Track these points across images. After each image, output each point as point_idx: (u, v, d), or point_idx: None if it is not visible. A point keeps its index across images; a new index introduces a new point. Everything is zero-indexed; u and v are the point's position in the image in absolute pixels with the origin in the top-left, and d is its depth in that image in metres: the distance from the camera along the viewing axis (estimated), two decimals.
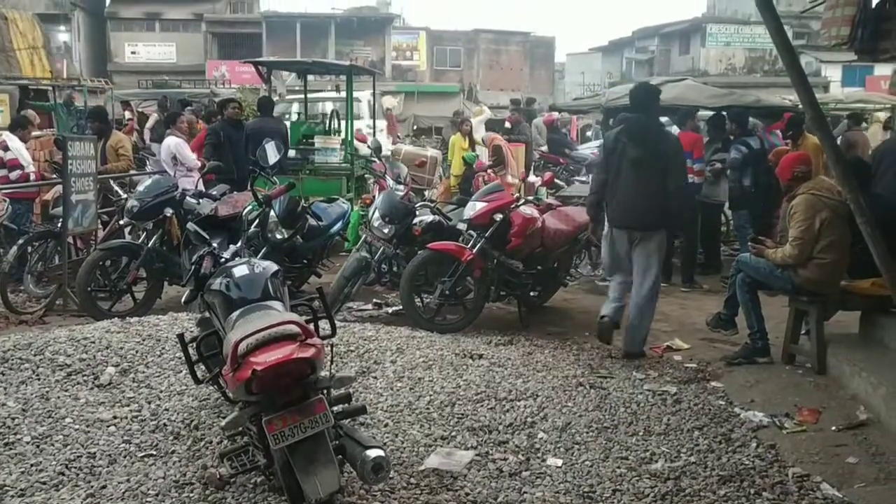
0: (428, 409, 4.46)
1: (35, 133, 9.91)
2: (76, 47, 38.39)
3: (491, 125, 15.19)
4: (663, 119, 12.10)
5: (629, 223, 5.80)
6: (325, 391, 3.18)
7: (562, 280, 7.33)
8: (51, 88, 18.76)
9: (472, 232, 6.50)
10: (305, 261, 7.33)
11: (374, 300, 7.54)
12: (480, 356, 5.46)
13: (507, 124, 14.67)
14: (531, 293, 7.01)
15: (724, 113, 9.17)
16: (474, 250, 6.30)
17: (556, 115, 15.54)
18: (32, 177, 8.38)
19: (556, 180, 10.74)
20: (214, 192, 7.17)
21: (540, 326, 6.81)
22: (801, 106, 6.01)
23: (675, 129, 9.06)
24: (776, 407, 4.77)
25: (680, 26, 39.71)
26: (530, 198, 7.33)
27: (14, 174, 8.19)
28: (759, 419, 4.56)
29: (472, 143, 11.90)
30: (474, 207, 6.45)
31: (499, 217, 6.36)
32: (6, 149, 8.28)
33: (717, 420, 4.56)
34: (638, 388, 5.09)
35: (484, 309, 6.66)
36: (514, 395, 4.73)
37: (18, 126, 8.81)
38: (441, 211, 7.26)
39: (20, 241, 7.22)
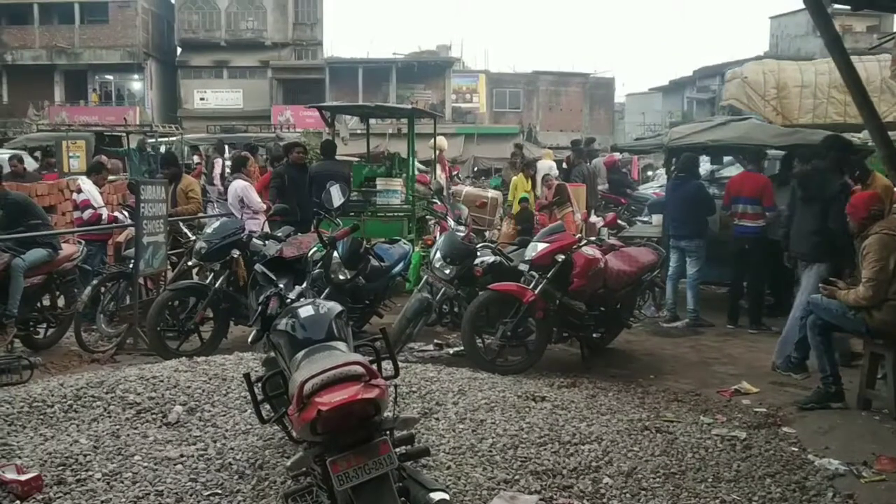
0: (491, 451, 4.40)
1: (109, 177, 10.30)
2: (148, 95, 39.92)
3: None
4: (726, 159, 12.01)
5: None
6: (389, 432, 3.17)
7: (625, 321, 7.23)
8: (124, 135, 19.54)
9: (533, 273, 6.47)
10: (367, 301, 7.40)
11: (436, 341, 7.54)
12: (543, 398, 5.39)
13: (565, 165, 14.67)
14: (594, 334, 6.93)
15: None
16: (536, 291, 6.27)
17: (617, 155, 15.47)
18: (104, 217, 8.67)
19: (618, 221, 10.67)
20: (279, 234, 7.30)
21: (603, 368, 6.72)
22: (871, 143, 5.89)
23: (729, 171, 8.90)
24: (853, 455, 4.59)
25: (742, 65, 39.25)
26: (592, 238, 7.28)
27: (86, 214, 8.50)
28: (835, 467, 4.39)
29: (535, 185, 11.91)
30: (536, 248, 6.43)
31: (561, 258, 6.33)
32: (79, 191, 8.62)
33: (789, 467, 4.40)
34: (706, 432, 4.95)
35: (546, 350, 6.60)
36: (578, 439, 4.65)
37: (93, 171, 9.18)
38: (502, 252, 7.26)
39: (94, 282, 7.45)
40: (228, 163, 15.52)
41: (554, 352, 7.02)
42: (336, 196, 6.82)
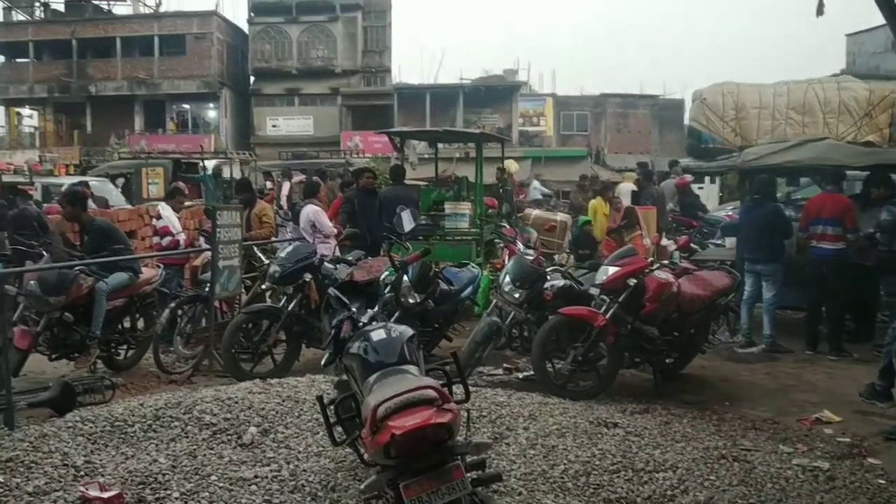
0: (562, 478, 4.35)
1: (186, 203, 10.62)
2: (223, 123, 41.10)
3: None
4: (803, 180, 11.71)
5: None
6: (461, 457, 3.17)
7: (699, 346, 7.08)
8: (200, 161, 20.16)
9: (604, 297, 6.40)
10: (436, 325, 7.42)
11: (505, 365, 7.51)
12: (615, 424, 5.31)
13: (634, 187, 14.49)
14: (667, 360, 6.80)
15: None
16: (607, 315, 6.20)
17: (689, 177, 15.18)
18: (182, 242, 8.94)
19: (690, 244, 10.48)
20: (350, 258, 7.42)
21: (677, 394, 6.58)
22: None
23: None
24: None
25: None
26: (665, 262, 7.17)
27: (165, 240, 8.78)
28: None
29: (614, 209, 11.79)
30: (607, 272, 6.37)
31: (632, 282, 6.25)
32: (159, 217, 8.91)
33: (876, 500, 4.23)
34: (786, 462, 4.80)
35: (617, 375, 6.50)
36: (652, 467, 4.55)
37: (170, 196, 9.50)
38: (572, 275, 7.20)
39: (172, 305, 7.67)
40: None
41: (625, 377, 6.92)
42: (407, 221, 6.89)
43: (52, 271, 6.82)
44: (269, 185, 18.68)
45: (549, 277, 7.04)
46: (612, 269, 6.36)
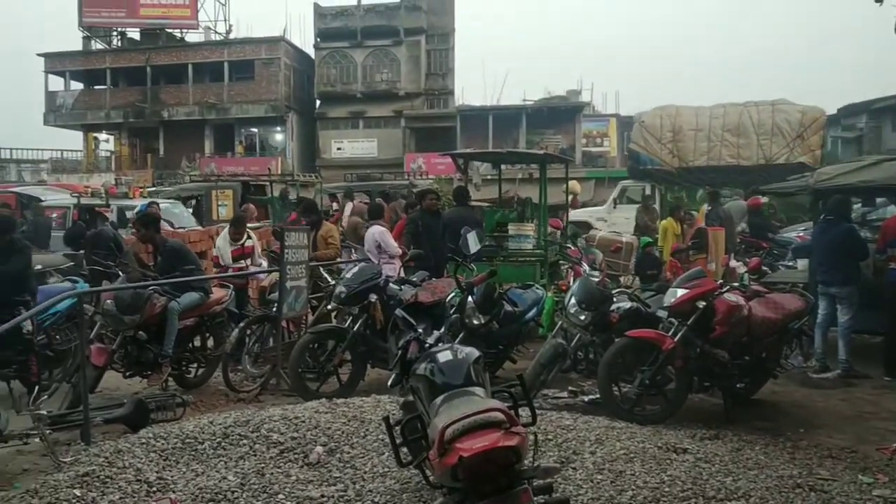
0: None
1: (254, 224, 10.83)
2: (289, 145, 41.97)
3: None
4: (879, 200, 11.35)
5: None
6: (528, 481, 3.14)
7: (771, 371, 6.88)
8: (268, 184, 20.58)
9: (672, 319, 6.29)
10: (501, 346, 7.39)
11: (570, 388, 7.42)
12: (685, 450, 5.18)
13: (708, 207, 14.22)
14: (737, 384, 6.63)
15: None
16: (676, 338, 6.09)
17: (762, 198, 14.80)
18: (231, 271, 9.07)
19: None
20: (415, 279, 7.45)
21: (748, 420, 6.40)
22: None
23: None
24: None
25: (892, 101, 37.10)
26: (735, 284, 7.02)
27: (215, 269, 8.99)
28: None
29: (684, 230, 11.61)
30: (675, 294, 6.25)
31: (702, 304, 6.12)
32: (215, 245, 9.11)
33: None
34: (866, 493, 4.61)
35: (686, 400, 6.36)
36: (723, 495, 4.42)
37: (233, 225, 9.64)
38: (639, 298, 7.10)
39: (241, 325, 7.81)
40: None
41: (694, 402, 6.76)
42: (472, 242, 6.90)
43: (128, 291, 7.02)
44: (334, 206, 18.94)
45: (615, 299, 6.96)
46: (680, 292, 6.25)
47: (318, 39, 43.14)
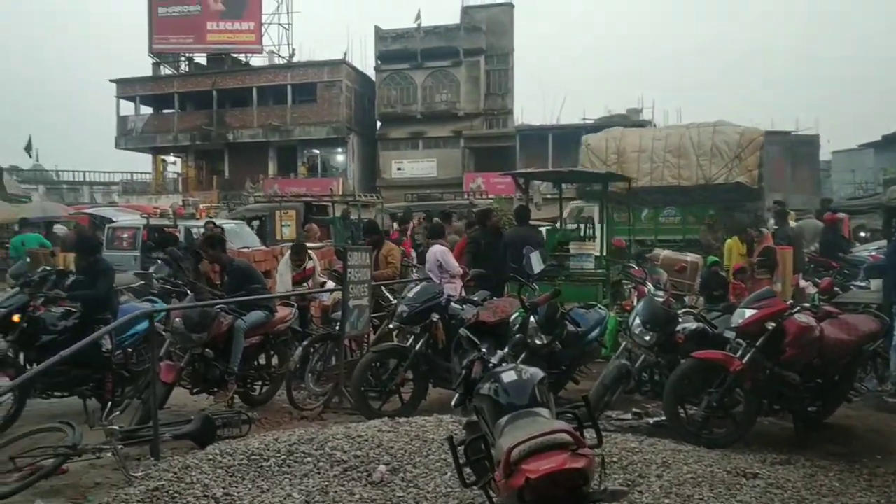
0: None
1: (316, 244, 10.99)
2: (350, 166, 42.54)
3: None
4: None
5: None
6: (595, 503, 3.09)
7: (844, 395, 6.65)
8: (330, 204, 20.88)
9: (740, 340, 6.14)
10: (563, 367, 7.31)
11: (634, 409, 7.29)
12: (755, 475, 5.04)
13: (775, 226, 13.90)
14: (809, 408, 6.42)
15: None
16: (744, 360, 5.94)
17: (842, 214, 14.33)
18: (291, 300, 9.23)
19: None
20: (476, 298, 7.44)
21: (820, 445, 6.18)
22: None
23: None
24: None
25: None
26: (806, 304, 6.82)
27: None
28: None
29: (751, 250, 11.36)
30: (743, 315, 6.11)
31: (771, 325, 5.97)
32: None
33: None
34: None
35: (755, 423, 6.19)
36: None
37: (294, 252, 9.77)
38: (705, 318, 6.96)
39: (304, 343, 7.91)
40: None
41: (764, 425, 6.57)
42: (536, 262, 6.88)
43: (196, 309, 7.18)
44: (395, 225, 19.09)
45: (680, 320, 6.83)
46: (749, 312, 6.10)
47: (379, 62, 43.74)
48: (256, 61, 47.07)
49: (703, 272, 12.28)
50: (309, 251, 9.87)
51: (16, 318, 6.97)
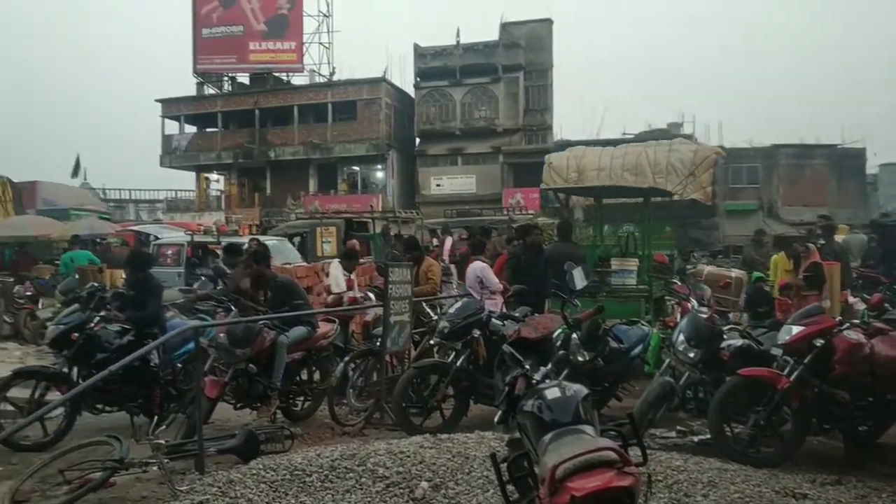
0: None
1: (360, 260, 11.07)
2: (390, 183, 42.78)
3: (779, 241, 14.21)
4: None
5: None
6: None
7: None
8: (370, 220, 21.01)
9: (788, 358, 6.02)
10: (606, 384, 7.24)
11: (678, 427, 7.18)
12: (804, 496, 4.93)
13: (821, 241, 13.62)
14: (860, 427, 6.26)
15: None
16: (792, 378, 5.83)
17: None
18: (345, 300, 9.28)
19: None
20: (517, 314, 7.41)
21: (872, 466, 6.02)
22: None
23: None
24: None
25: None
26: (855, 321, 6.67)
27: (331, 298, 9.19)
28: None
29: (798, 265, 11.16)
30: (790, 331, 6.00)
31: (819, 342, 5.85)
32: (328, 274, 9.37)
33: None
34: None
35: (804, 442, 6.06)
36: None
37: (344, 258, 9.92)
38: (751, 335, 6.84)
39: (346, 359, 7.95)
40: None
41: (813, 444, 6.44)
42: (579, 278, 6.84)
43: (239, 325, 7.26)
44: (434, 241, 19.14)
45: (725, 336, 6.73)
46: (796, 329, 5.99)
47: (418, 79, 44.04)
48: (298, 80, 47.80)
49: (747, 288, 12.08)
50: (333, 263, 9.98)
51: (73, 335, 7.12)
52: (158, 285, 7.75)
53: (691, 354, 6.55)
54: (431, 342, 8.21)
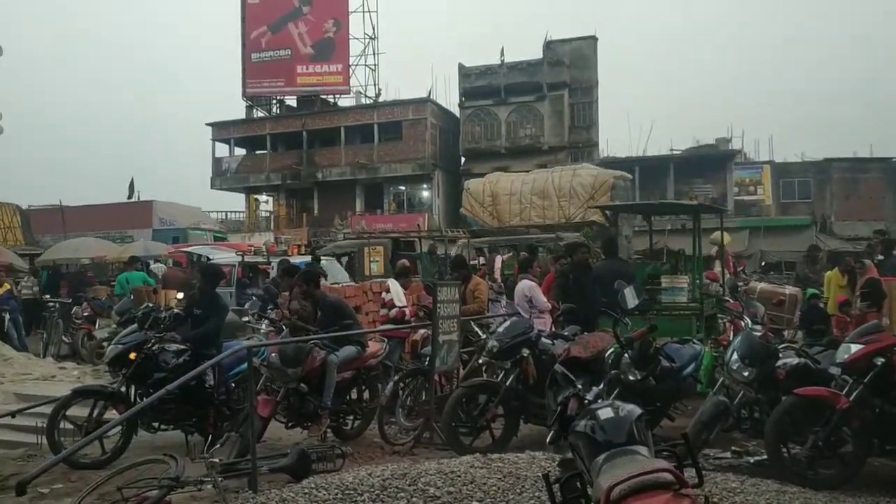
0: None
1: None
2: (436, 202, 42.94)
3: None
4: None
5: None
6: None
7: None
8: (417, 240, 21.12)
9: (847, 377, 5.88)
10: (658, 404, 7.12)
11: (733, 448, 7.05)
12: None
13: (880, 256, 13.28)
14: None
15: None
16: (851, 398, 5.68)
17: None
18: (407, 313, 9.37)
19: None
20: (566, 333, 7.36)
21: None
22: None
23: None
24: None
25: None
26: None
27: (392, 311, 9.26)
28: None
29: (853, 282, 10.91)
30: (849, 350, 5.86)
31: (880, 361, 5.70)
32: (388, 291, 9.45)
33: None
34: None
35: (866, 464, 5.89)
36: None
37: (400, 275, 10.03)
38: (807, 353, 6.69)
39: (395, 378, 7.97)
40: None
41: (875, 466, 6.25)
42: (630, 297, 6.77)
43: (291, 345, 7.34)
44: (481, 260, 19.13)
45: (781, 355, 6.59)
46: (855, 347, 5.85)
47: (463, 98, 44.26)
48: (344, 102, 48.38)
49: (802, 306, 11.83)
50: (390, 280, 10.06)
51: (132, 355, 7.28)
52: (225, 307, 7.91)
53: (746, 373, 6.43)
54: (480, 361, 8.19)
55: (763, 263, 28.30)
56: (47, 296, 17.66)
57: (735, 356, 6.51)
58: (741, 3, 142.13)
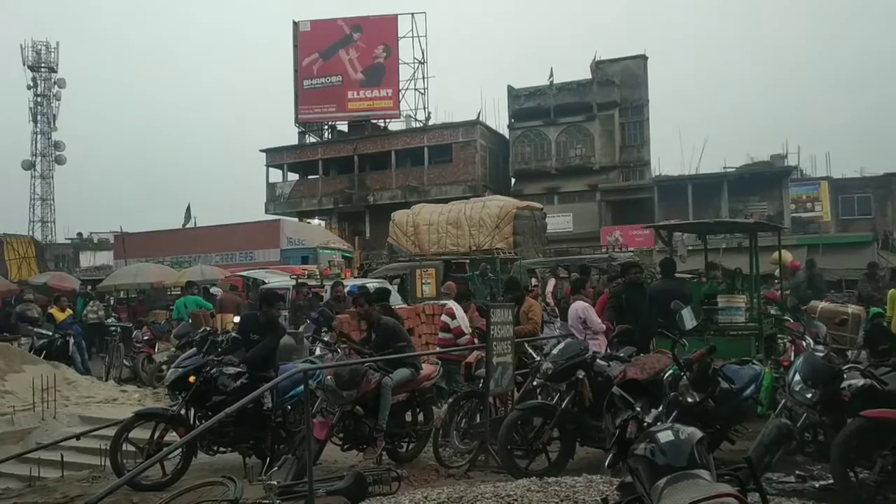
0: None
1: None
2: None
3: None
4: None
5: None
6: None
7: None
8: (468, 261, 21.16)
9: None
10: (717, 426, 6.97)
11: (797, 472, 6.85)
12: None
13: None
14: None
15: None
16: None
17: None
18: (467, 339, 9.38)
19: None
20: (622, 354, 7.28)
21: None
22: None
23: None
24: None
25: None
26: None
27: (462, 339, 9.28)
28: None
29: None
30: None
31: None
32: (452, 317, 9.45)
33: None
34: None
35: None
36: None
37: (463, 298, 10.05)
38: (874, 374, 6.49)
39: (450, 400, 7.97)
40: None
41: None
42: (688, 318, 6.68)
43: (346, 367, 7.39)
44: (534, 281, 19.04)
45: (845, 376, 6.41)
46: None
47: (513, 120, 44.40)
48: (394, 126, 48.91)
49: (865, 325, 11.49)
50: (452, 303, 10.06)
51: (191, 378, 7.42)
52: (283, 331, 8.00)
53: (809, 395, 6.26)
54: (534, 383, 8.13)
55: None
56: (111, 319, 18.10)
57: (797, 377, 6.36)
58: (792, 20, 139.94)
